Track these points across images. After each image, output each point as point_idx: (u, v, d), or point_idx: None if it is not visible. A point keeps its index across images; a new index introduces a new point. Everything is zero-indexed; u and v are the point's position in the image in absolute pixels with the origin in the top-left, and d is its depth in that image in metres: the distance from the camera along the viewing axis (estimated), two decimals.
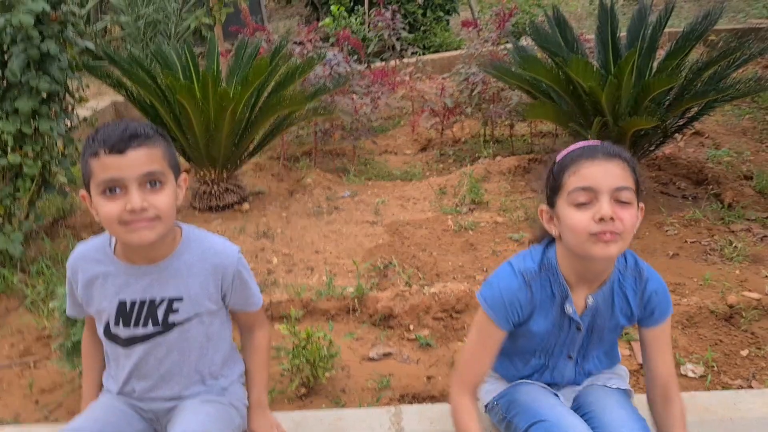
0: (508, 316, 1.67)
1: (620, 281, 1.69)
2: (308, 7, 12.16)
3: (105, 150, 1.50)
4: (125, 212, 1.52)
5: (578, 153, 1.58)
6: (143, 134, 1.54)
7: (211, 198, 4.52)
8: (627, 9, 12.40)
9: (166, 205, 1.57)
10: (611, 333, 1.76)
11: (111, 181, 1.51)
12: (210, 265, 1.72)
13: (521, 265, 1.69)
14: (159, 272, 1.69)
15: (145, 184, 1.54)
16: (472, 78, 5.32)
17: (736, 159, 4.86)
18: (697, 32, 4.06)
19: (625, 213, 1.51)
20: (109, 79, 4.11)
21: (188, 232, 1.76)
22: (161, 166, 1.57)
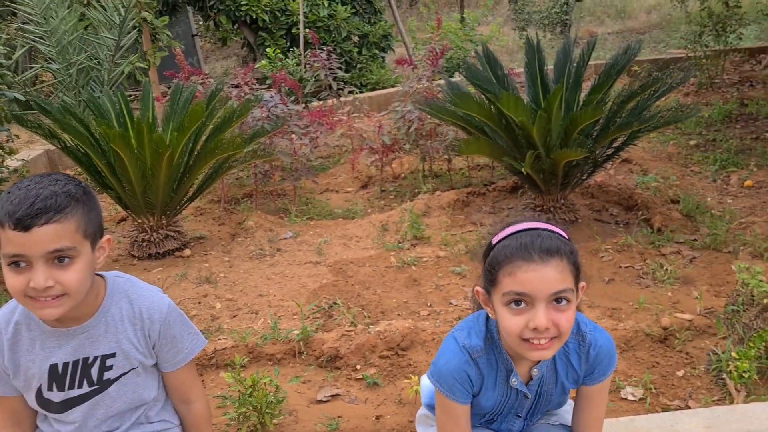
0: (464, 391, 1.66)
1: (564, 348, 1.67)
2: (244, 48, 12.21)
3: (10, 224, 1.43)
4: (29, 288, 1.46)
5: (513, 250, 1.50)
6: (53, 208, 1.45)
7: (150, 245, 4.45)
8: (556, 42, 12.90)
9: (75, 281, 1.50)
10: (559, 396, 1.76)
11: (15, 256, 1.46)
12: (138, 318, 1.68)
13: (466, 342, 1.66)
14: (88, 331, 1.64)
15: (52, 260, 1.47)
16: (408, 115, 5.42)
17: (663, 184, 5.08)
18: (618, 65, 4.25)
19: (563, 317, 1.47)
20: (41, 130, 4.03)
21: (113, 283, 1.70)
22: (71, 241, 1.49)
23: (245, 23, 10.34)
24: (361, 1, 10.93)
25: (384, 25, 10.91)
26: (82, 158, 4.26)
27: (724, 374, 2.70)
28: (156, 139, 3.92)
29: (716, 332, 3.05)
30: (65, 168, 7.21)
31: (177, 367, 1.77)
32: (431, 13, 12.56)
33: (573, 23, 14.83)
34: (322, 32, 9.93)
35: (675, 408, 2.59)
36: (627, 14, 17.27)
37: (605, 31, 14.69)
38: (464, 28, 10.76)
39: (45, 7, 5.47)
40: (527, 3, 14.99)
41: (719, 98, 7.59)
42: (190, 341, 1.78)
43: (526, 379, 1.69)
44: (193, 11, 12.07)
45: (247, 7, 10.05)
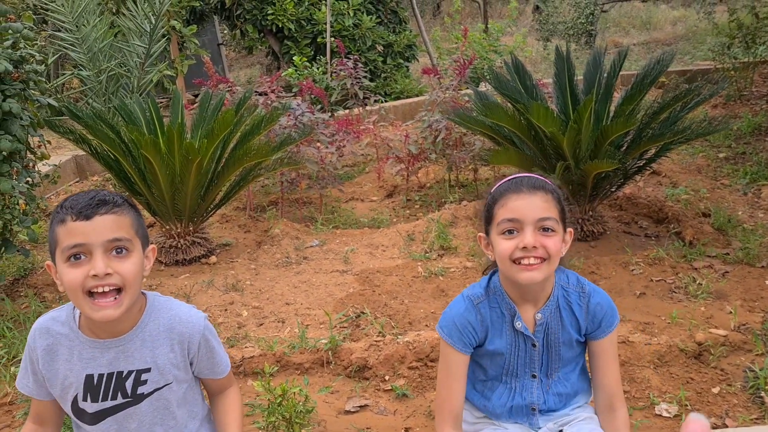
0: (463, 339, 1.82)
1: (565, 297, 1.83)
2: (269, 56, 12.29)
3: (72, 216, 1.49)
4: (89, 278, 1.48)
5: (506, 187, 1.74)
6: (112, 201, 1.54)
7: (177, 252, 4.47)
8: (580, 53, 12.83)
9: (132, 273, 1.53)
10: (568, 348, 1.86)
11: (76, 247, 1.49)
12: (176, 334, 1.70)
13: (469, 292, 1.86)
14: (124, 344, 1.65)
15: (110, 250, 1.51)
16: (435, 124, 5.41)
17: (693, 197, 5.00)
18: (650, 77, 4.20)
19: (549, 240, 1.68)
20: (72, 135, 4.07)
21: (153, 300, 1.72)
22: (128, 234, 1.55)
23: (271, 32, 10.42)
24: (386, 11, 10.96)
25: (408, 34, 10.93)
26: (113, 164, 4.29)
27: (762, 392, 2.64)
28: (186, 146, 3.94)
29: (752, 348, 2.98)
30: (93, 174, 7.28)
31: (219, 377, 1.84)
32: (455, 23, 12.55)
33: (598, 34, 14.75)
34: (347, 41, 9.97)
35: (711, 426, 2.53)
36: (652, 25, 17.17)
37: (630, 42, 14.58)
38: (488, 38, 10.74)
39: (77, 15, 5.54)
40: (552, 13, 14.94)
41: (748, 111, 7.48)
42: (222, 354, 1.83)
43: (531, 327, 1.82)
44: (219, 20, 12.19)
45: (273, 16, 10.13)
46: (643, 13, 18.08)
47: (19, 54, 3.42)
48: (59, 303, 3.75)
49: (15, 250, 3.72)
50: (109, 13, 7.60)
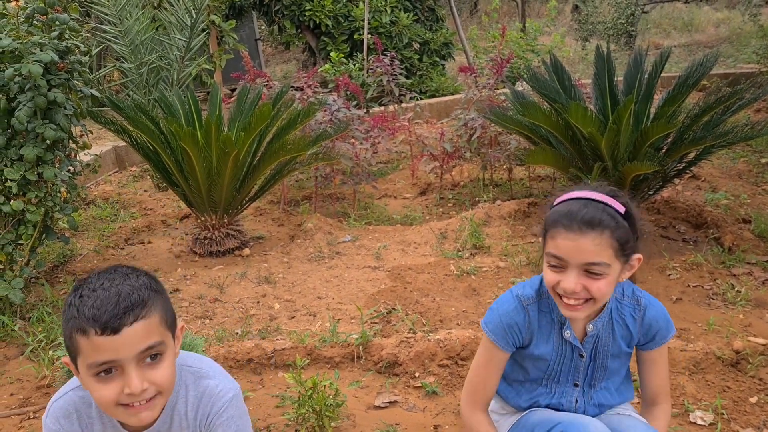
0: (507, 338, 1.77)
1: (618, 309, 1.76)
2: (305, 52, 12.36)
3: (96, 330, 1.30)
4: (123, 395, 1.35)
5: (560, 216, 1.60)
6: (139, 303, 1.35)
7: (211, 243, 4.52)
8: (620, 54, 12.65)
9: (167, 378, 1.41)
10: (615, 360, 1.81)
11: (105, 364, 1.33)
12: (196, 410, 1.57)
13: (520, 291, 1.79)
14: (157, 430, 1.56)
15: (143, 360, 1.37)
16: (470, 123, 5.39)
17: (733, 202, 4.90)
18: (693, 78, 4.12)
19: (595, 285, 1.58)
20: (113, 126, 4.15)
21: (180, 374, 1.56)
22: (160, 335, 1.39)
23: (308, 28, 10.47)
24: (424, 9, 10.94)
25: (445, 32, 10.89)
26: (151, 155, 4.36)
27: None
28: (224, 138, 3.98)
29: None
30: (132, 164, 7.41)
31: None
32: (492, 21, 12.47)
33: (638, 35, 14.52)
34: (384, 38, 9.98)
35: None
36: (694, 27, 16.84)
37: (671, 44, 14.32)
38: (526, 37, 10.65)
39: (120, 8, 5.64)
40: (591, 13, 14.75)
41: None
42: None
43: (581, 337, 1.77)
44: (257, 16, 12.29)
45: (311, 12, 10.18)
46: (685, 14, 17.74)
47: (65, 45, 3.49)
48: None
49: (55, 237, 3.80)
50: (150, 6, 7.73)
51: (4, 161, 3.41)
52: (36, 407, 2.83)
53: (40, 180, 3.50)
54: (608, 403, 1.85)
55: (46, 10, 3.53)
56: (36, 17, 3.55)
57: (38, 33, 3.49)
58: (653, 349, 1.80)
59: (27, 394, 2.94)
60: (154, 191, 6.39)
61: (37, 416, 2.78)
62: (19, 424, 2.74)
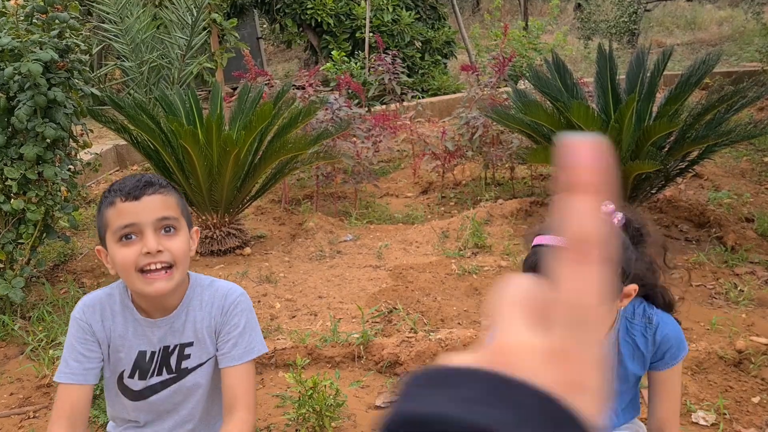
0: None
1: (627, 329, 1.68)
2: (307, 51, 12.34)
3: (121, 198, 1.54)
4: (141, 256, 1.53)
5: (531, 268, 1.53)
6: (158, 183, 1.59)
7: (212, 242, 4.51)
8: (622, 52, 12.62)
9: (182, 250, 1.59)
10: (621, 383, 1.74)
11: (127, 227, 1.53)
12: (215, 308, 1.72)
13: None
14: (173, 321, 1.70)
15: (160, 229, 1.56)
16: (472, 121, 5.37)
17: (736, 201, 4.88)
18: (695, 77, 4.11)
19: None
20: (113, 125, 4.14)
21: (195, 278, 1.77)
22: (175, 213, 1.60)
23: (310, 26, 10.46)
24: (425, 7, 10.92)
25: (447, 31, 10.87)
26: (152, 154, 4.35)
27: None
28: (225, 137, 3.97)
29: None
30: (133, 163, 7.40)
31: (233, 363, 1.69)
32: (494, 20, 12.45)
33: (641, 33, 14.49)
34: (386, 37, 9.96)
35: None
36: (697, 26, 16.79)
37: (674, 42, 14.28)
38: (528, 36, 10.62)
39: (121, 6, 5.63)
40: (593, 12, 14.72)
41: None
42: (250, 339, 1.73)
43: None
44: (258, 14, 12.28)
45: (313, 11, 10.16)
46: (688, 12, 17.71)
47: (65, 43, 3.48)
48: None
49: (56, 236, 3.80)
50: (151, 5, 7.71)
51: (5, 160, 3.40)
52: (36, 407, 2.82)
53: (41, 179, 3.50)
54: (613, 425, 1.80)
55: (46, 8, 3.52)
56: (36, 15, 3.54)
57: (38, 31, 3.48)
58: (662, 370, 1.71)
59: (27, 394, 2.94)
60: None
61: (38, 416, 2.78)
62: (19, 423, 2.74)
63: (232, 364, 1.70)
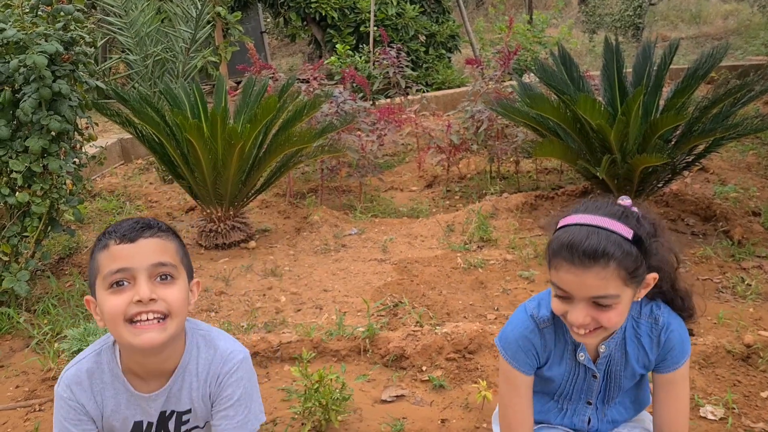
0: (528, 362, 1.68)
1: (634, 328, 1.66)
2: (311, 44, 12.32)
3: (115, 240, 1.42)
4: (132, 305, 1.39)
5: (562, 246, 1.49)
6: (156, 226, 1.47)
7: (217, 236, 4.51)
8: (627, 46, 12.57)
9: (178, 300, 1.44)
10: (629, 380, 1.73)
11: (119, 272, 1.40)
12: (211, 376, 1.60)
13: (535, 312, 1.68)
14: (169, 389, 1.59)
15: (155, 276, 1.43)
16: (477, 115, 5.35)
17: (743, 195, 4.86)
18: (702, 70, 4.08)
19: (604, 316, 1.48)
20: (118, 118, 4.13)
21: (192, 335, 1.61)
22: (173, 260, 1.46)
23: (314, 20, 10.43)
24: (430, 1, 10.88)
25: (452, 24, 10.83)
26: (157, 147, 4.34)
27: None
28: (229, 130, 3.96)
29: None
30: (138, 157, 7.40)
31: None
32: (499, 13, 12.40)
33: (645, 27, 14.43)
34: (390, 30, 9.93)
35: (759, 431, 2.45)
36: (702, 19, 16.72)
37: (678, 36, 14.22)
38: (533, 29, 10.58)
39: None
40: (598, 5, 14.66)
41: None
42: (245, 412, 1.60)
43: (594, 357, 1.68)
44: (263, 8, 12.25)
45: (317, 5, 10.13)
46: (693, 6, 17.63)
47: (70, 36, 3.47)
48: None
49: (61, 230, 3.79)
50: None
51: (9, 153, 3.39)
52: (42, 400, 2.82)
53: (46, 172, 3.49)
54: (622, 419, 1.79)
55: (51, 0, 3.51)
56: (41, 8, 3.52)
57: (43, 24, 3.47)
58: (665, 373, 1.68)
59: (32, 387, 2.94)
60: (160, 184, 6.38)
61: (43, 409, 2.77)
62: (24, 416, 2.74)
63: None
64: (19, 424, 2.68)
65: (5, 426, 2.67)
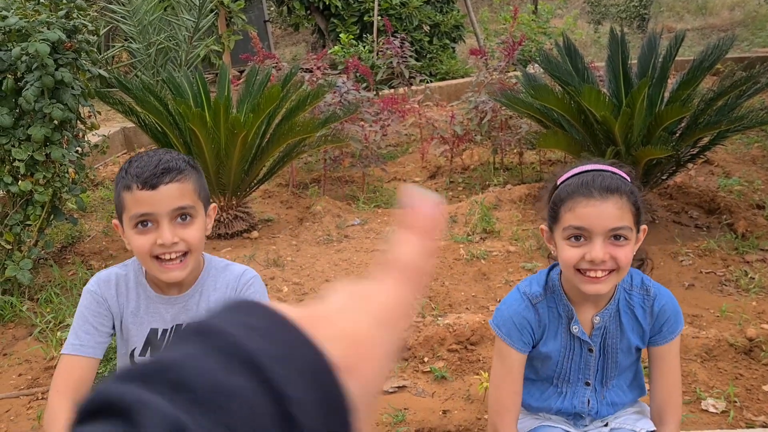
0: (522, 339, 1.70)
1: (627, 300, 1.70)
2: (314, 34, 12.27)
3: (138, 185, 1.54)
4: (156, 246, 1.55)
5: (575, 187, 1.56)
6: (176, 168, 1.57)
7: (220, 226, 4.50)
8: (632, 37, 12.49)
9: (196, 239, 1.61)
10: (626, 356, 1.74)
11: (143, 216, 1.55)
12: (229, 289, 1.76)
13: (527, 289, 1.72)
14: (186, 300, 1.73)
15: (175, 218, 1.58)
16: (481, 106, 5.33)
17: (747, 188, 4.84)
18: (708, 62, 4.05)
19: (620, 252, 1.52)
20: (121, 106, 4.12)
21: (210, 259, 1.80)
22: (192, 201, 1.60)
23: (318, 9, 10.38)
24: None
25: (456, 14, 10.77)
26: (159, 136, 4.33)
27: None
28: (232, 120, 3.95)
29: None
30: (140, 146, 7.39)
31: None
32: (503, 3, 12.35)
33: (651, 18, 14.35)
34: (394, 20, 9.88)
35: (761, 424, 2.45)
36: (708, 10, 16.61)
37: (684, 27, 14.13)
38: (537, 20, 10.52)
39: None
40: None
41: None
42: None
43: (588, 331, 1.70)
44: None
45: None
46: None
47: (73, 24, 3.46)
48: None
49: (64, 218, 3.79)
50: None
51: (12, 141, 3.39)
52: (44, 388, 2.83)
53: (48, 160, 3.49)
54: (621, 402, 1.79)
55: None
56: None
57: (45, 11, 3.46)
58: (661, 344, 1.71)
59: (35, 375, 2.95)
60: None
61: (45, 397, 2.78)
62: (27, 404, 2.75)
63: None
64: (21, 412, 2.69)
65: (8, 414, 2.68)
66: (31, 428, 2.57)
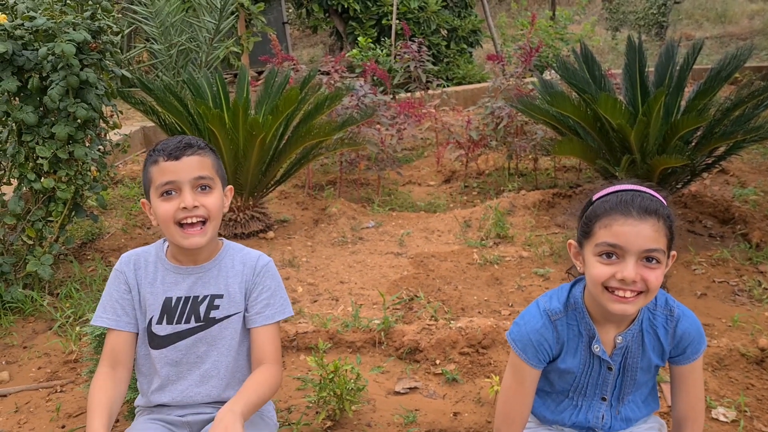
0: (538, 355, 1.70)
1: (650, 320, 1.69)
2: (333, 36, 12.34)
3: (164, 157, 1.73)
4: (179, 210, 1.73)
5: (613, 204, 1.55)
6: (196, 145, 1.77)
7: (236, 225, 4.56)
8: (650, 45, 12.46)
9: (215, 206, 1.77)
10: (645, 373, 1.74)
11: (168, 184, 1.73)
12: (247, 267, 1.88)
13: (547, 305, 1.72)
14: (203, 272, 1.85)
15: (196, 187, 1.75)
16: (497, 111, 5.35)
17: (762, 198, 4.83)
18: (726, 71, 4.06)
19: (651, 274, 1.51)
20: (142, 106, 4.19)
21: (228, 243, 1.95)
22: (211, 173, 1.78)
23: (336, 12, 10.45)
24: None
25: (474, 19, 10.81)
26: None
27: None
28: (251, 121, 4.00)
29: None
30: None
31: (265, 323, 1.87)
32: (521, 9, 12.36)
33: (669, 25, 14.29)
34: (412, 24, 9.93)
35: None
36: (727, 19, 16.52)
37: (703, 35, 14.07)
38: (555, 26, 10.53)
39: None
40: (622, 2, 14.53)
41: None
42: (281, 301, 1.91)
43: (609, 350, 1.70)
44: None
45: None
46: (719, 5, 17.42)
47: (98, 25, 3.53)
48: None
49: (84, 215, 3.86)
50: None
51: (36, 139, 3.46)
52: (63, 381, 2.89)
53: (71, 158, 3.55)
54: (635, 417, 1.80)
55: None
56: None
57: (71, 12, 3.53)
58: (684, 364, 1.71)
59: (54, 368, 3.01)
60: None
61: (65, 390, 2.84)
62: (47, 396, 2.80)
63: (264, 323, 1.87)
64: (41, 404, 2.75)
65: (27, 405, 2.74)
66: (50, 420, 2.63)
